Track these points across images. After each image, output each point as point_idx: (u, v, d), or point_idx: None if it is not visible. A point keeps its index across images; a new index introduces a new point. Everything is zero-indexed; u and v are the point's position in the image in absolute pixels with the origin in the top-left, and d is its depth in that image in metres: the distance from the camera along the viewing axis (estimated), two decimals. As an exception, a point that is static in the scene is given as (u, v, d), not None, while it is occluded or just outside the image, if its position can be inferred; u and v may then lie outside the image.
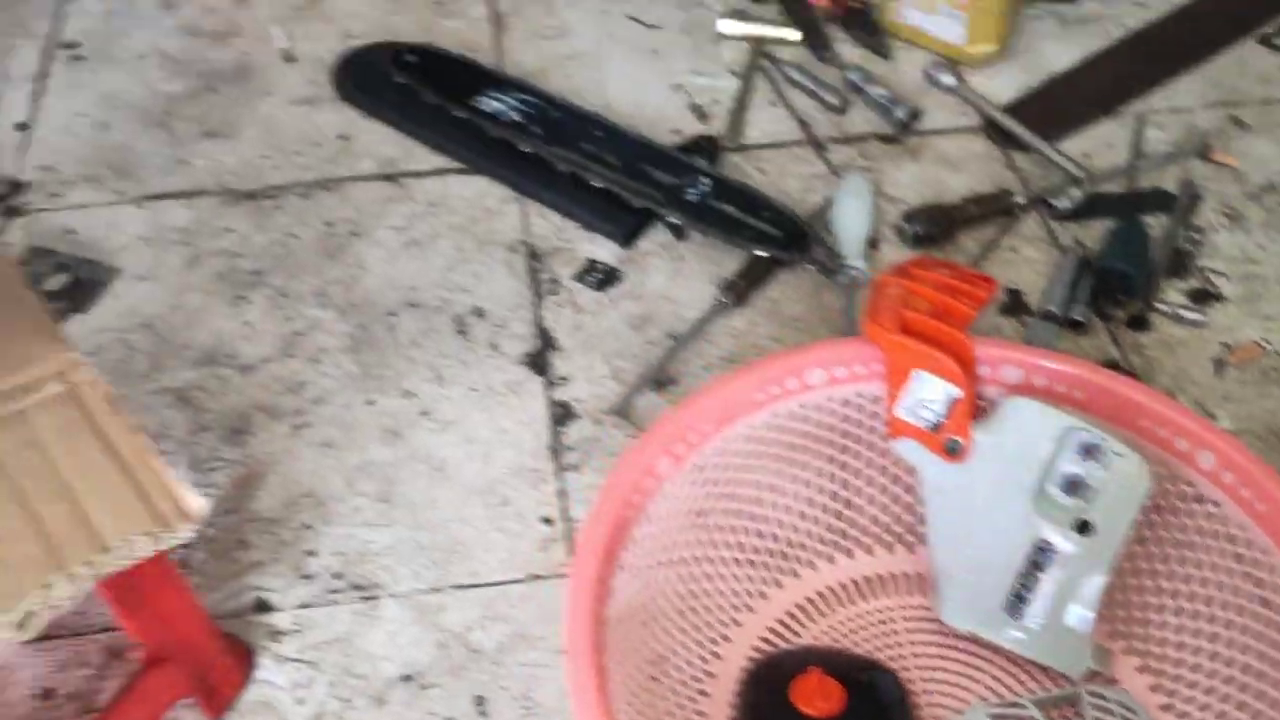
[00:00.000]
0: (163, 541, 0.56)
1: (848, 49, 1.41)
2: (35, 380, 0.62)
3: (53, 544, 0.56)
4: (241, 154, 1.29)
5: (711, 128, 1.31)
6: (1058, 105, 1.34)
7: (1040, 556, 0.80)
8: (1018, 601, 0.82)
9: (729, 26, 1.43)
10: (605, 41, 1.43)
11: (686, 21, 1.45)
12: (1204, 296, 1.13)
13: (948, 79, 1.35)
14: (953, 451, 0.79)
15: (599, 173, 1.21)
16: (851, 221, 1.17)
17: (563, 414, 1.04)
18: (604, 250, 1.19)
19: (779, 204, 1.18)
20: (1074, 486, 0.78)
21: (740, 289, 1.13)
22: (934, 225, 1.18)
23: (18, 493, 0.58)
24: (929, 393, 0.79)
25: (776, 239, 1.15)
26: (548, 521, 0.97)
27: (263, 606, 0.92)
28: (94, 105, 1.35)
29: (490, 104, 1.29)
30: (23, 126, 1.32)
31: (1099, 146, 1.29)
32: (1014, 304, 1.12)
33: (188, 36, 1.44)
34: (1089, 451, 0.76)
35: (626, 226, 1.19)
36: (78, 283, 1.15)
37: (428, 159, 1.28)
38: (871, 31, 1.42)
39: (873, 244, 1.18)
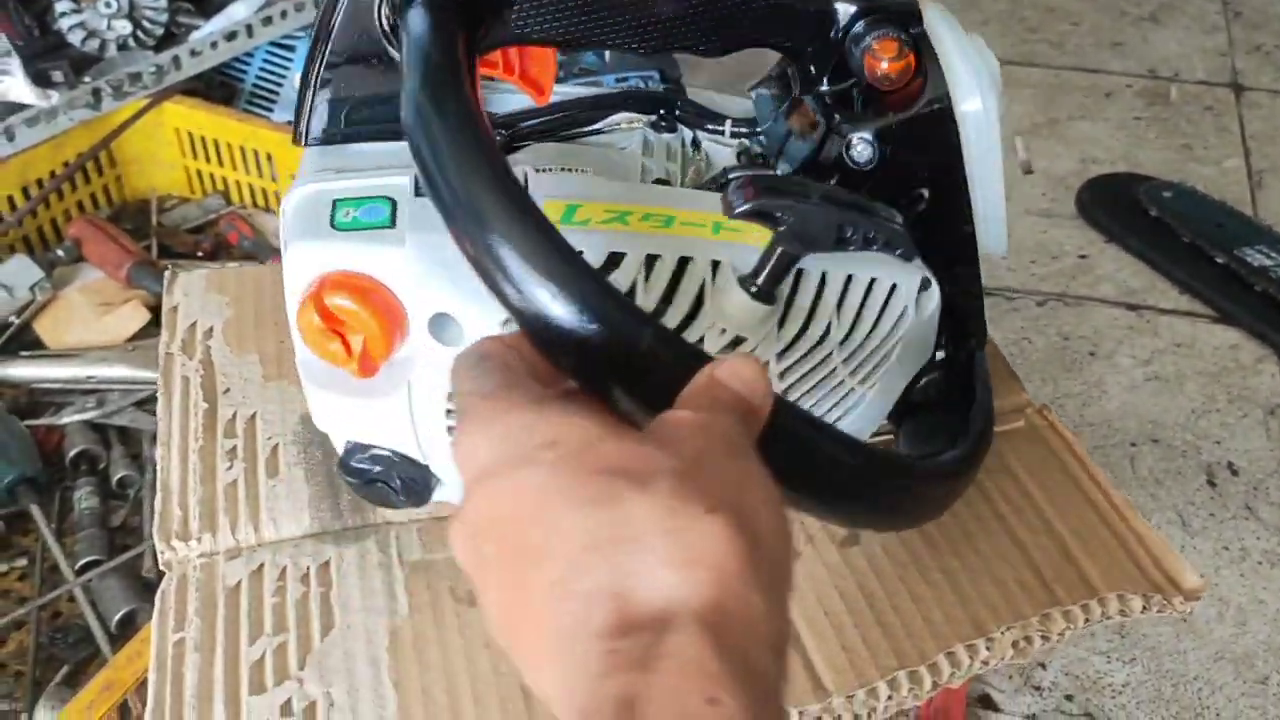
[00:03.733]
0: (1153, 608, 0.52)
1: None
2: (998, 411, 0.61)
3: (1044, 576, 0.53)
4: (977, 250, 1.29)
5: None
6: None
7: None
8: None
9: None
10: (1382, 220, 1.31)
11: None
12: None
13: None
14: None
15: (1388, 355, 1.09)
16: None
17: (1334, 605, 0.92)
18: (1383, 440, 1.06)
19: None
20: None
21: None
22: None
23: (999, 515, 0.56)
24: None
25: None
26: (1315, 719, 0.85)
27: (988, 702, 0.87)
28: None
29: (1257, 258, 1.21)
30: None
31: None
32: None
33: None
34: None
35: None
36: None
37: (1173, 297, 1.22)
38: None
39: None
